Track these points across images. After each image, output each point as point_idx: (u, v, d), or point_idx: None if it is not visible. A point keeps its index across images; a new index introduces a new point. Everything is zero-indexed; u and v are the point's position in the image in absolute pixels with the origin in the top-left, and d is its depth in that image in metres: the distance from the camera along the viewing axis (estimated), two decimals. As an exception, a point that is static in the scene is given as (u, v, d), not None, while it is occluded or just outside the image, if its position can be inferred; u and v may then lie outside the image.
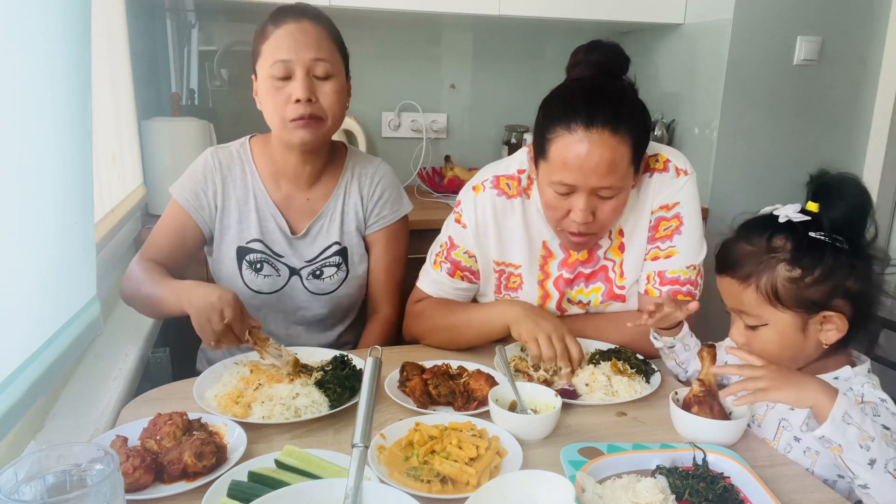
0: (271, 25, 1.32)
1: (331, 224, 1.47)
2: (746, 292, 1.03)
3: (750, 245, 1.04)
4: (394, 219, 1.51)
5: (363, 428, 0.84)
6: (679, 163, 1.33)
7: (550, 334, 1.20)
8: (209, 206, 1.42)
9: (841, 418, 0.89)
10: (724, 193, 2.41)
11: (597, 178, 1.16)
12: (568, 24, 2.59)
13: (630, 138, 1.16)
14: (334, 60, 1.34)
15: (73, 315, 0.93)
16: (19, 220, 0.78)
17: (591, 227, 1.23)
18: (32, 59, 0.78)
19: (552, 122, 1.19)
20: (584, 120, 1.15)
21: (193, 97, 2.54)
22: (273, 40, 1.31)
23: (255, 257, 1.43)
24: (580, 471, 0.88)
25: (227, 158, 1.44)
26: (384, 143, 2.76)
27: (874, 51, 2.42)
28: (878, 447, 0.89)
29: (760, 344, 1.05)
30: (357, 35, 2.60)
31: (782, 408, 1.07)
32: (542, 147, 1.22)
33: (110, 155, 1.74)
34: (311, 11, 1.35)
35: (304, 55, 1.29)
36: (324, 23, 1.35)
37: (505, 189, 1.37)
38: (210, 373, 1.18)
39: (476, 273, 1.42)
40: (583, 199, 1.19)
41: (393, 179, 1.53)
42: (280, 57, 1.29)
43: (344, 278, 1.49)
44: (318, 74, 1.31)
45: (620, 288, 1.37)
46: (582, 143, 1.15)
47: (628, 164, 1.18)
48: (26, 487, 0.64)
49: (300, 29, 1.31)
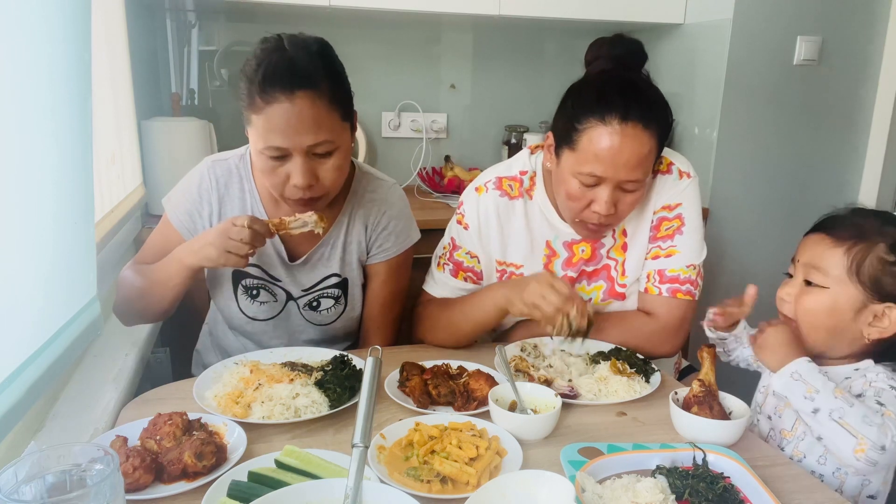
0: (259, 97, 1.12)
1: (332, 253, 1.36)
2: (833, 252, 1.06)
3: (862, 220, 1.08)
4: (396, 252, 1.39)
5: (363, 428, 0.84)
6: (682, 166, 1.35)
7: (543, 294, 1.17)
8: (203, 228, 1.30)
9: (790, 375, 1.01)
10: (725, 194, 2.41)
11: (626, 171, 1.18)
12: (568, 24, 2.59)
13: (657, 133, 1.19)
14: (335, 134, 1.17)
15: (74, 315, 0.93)
16: (20, 221, 0.78)
17: (610, 218, 1.24)
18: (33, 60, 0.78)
19: (584, 111, 1.19)
20: (619, 113, 1.16)
21: (193, 97, 2.54)
22: (264, 120, 1.12)
23: (251, 282, 1.35)
24: (580, 471, 0.88)
25: (224, 175, 1.32)
26: (384, 143, 2.76)
27: (874, 51, 2.43)
28: (823, 399, 0.97)
29: (811, 304, 1.09)
30: (357, 35, 2.61)
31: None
32: (570, 136, 1.21)
33: (110, 155, 1.74)
34: (304, 74, 1.12)
35: (302, 141, 1.13)
36: (319, 85, 1.13)
37: (507, 190, 1.37)
38: (210, 373, 1.18)
39: (478, 274, 1.42)
40: (608, 191, 1.20)
41: (401, 208, 1.40)
42: (273, 143, 1.13)
43: (342, 312, 1.40)
44: (318, 154, 1.17)
45: (622, 286, 1.38)
46: (616, 135, 1.16)
47: (654, 158, 1.22)
48: (26, 487, 0.64)
49: (295, 110, 1.11)
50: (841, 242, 1.06)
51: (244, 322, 1.39)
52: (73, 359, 0.92)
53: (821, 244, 1.08)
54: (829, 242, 1.07)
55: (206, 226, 1.31)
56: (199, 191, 1.31)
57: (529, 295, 1.20)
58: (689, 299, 1.34)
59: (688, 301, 1.34)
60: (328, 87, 1.15)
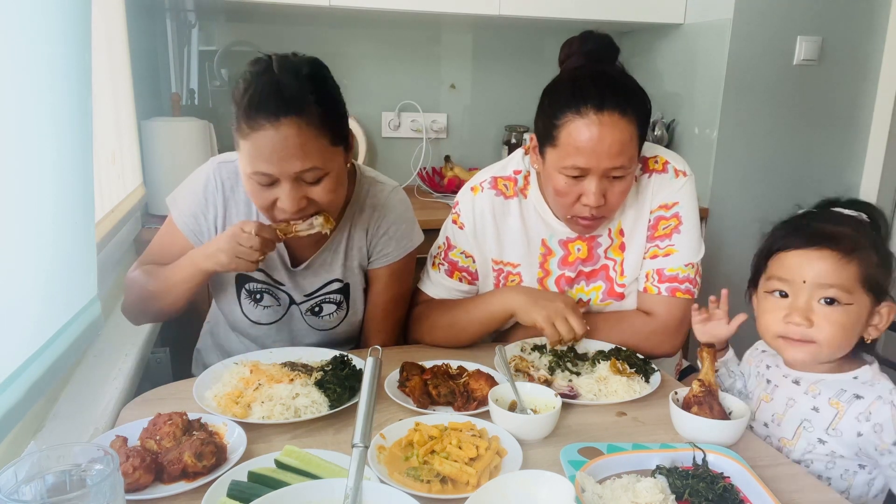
0: (245, 123, 1.09)
1: (334, 258, 1.35)
2: (848, 268, 1.02)
3: (843, 226, 1.06)
4: (397, 256, 1.37)
5: (363, 428, 0.84)
6: (678, 164, 1.35)
7: (564, 315, 1.23)
8: (209, 230, 1.30)
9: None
10: (724, 193, 2.41)
11: (609, 159, 1.18)
12: (568, 23, 2.58)
13: (636, 119, 1.20)
14: (325, 160, 1.13)
15: (74, 315, 0.93)
16: (20, 221, 0.78)
17: (602, 210, 1.25)
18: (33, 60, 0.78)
19: (560, 107, 1.20)
20: (594, 103, 1.17)
21: (193, 97, 2.54)
22: (250, 145, 1.10)
23: (255, 286, 1.35)
24: (580, 471, 0.88)
25: (230, 177, 1.30)
26: (384, 143, 2.76)
27: (874, 51, 2.43)
28: None
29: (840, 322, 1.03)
30: (357, 35, 2.61)
31: (804, 408, 1.07)
32: (550, 133, 1.23)
33: (110, 155, 1.74)
34: (290, 100, 1.08)
35: (288, 168, 1.10)
36: (306, 111, 1.09)
37: (503, 190, 1.38)
38: (210, 373, 1.18)
39: (474, 274, 1.42)
40: (595, 182, 1.21)
41: (403, 212, 1.37)
42: (260, 169, 1.11)
43: (344, 317, 1.39)
44: (307, 180, 1.14)
45: (620, 286, 1.38)
46: (593, 125, 1.17)
47: (636, 144, 1.22)
48: (26, 487, 0.64)
49: (280, 137, 1.08)
50: (850, 257, 1.02)
51: (247, 325, 1.39)
52: (73, 359, 0.92)
53: (827, 260, 1.03)
54: (839, 259, 1.03)
55: (211, 228, 1.31)
56: (205, 193, 1.30)
57: (554, 313, 1.23)
58: (688, 298, 1.34)
59: (687, 300, 1.34)
60: (316, 112, 1.10)
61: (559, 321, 1.22)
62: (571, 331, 1.22)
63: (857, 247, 1.03)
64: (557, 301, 1.26)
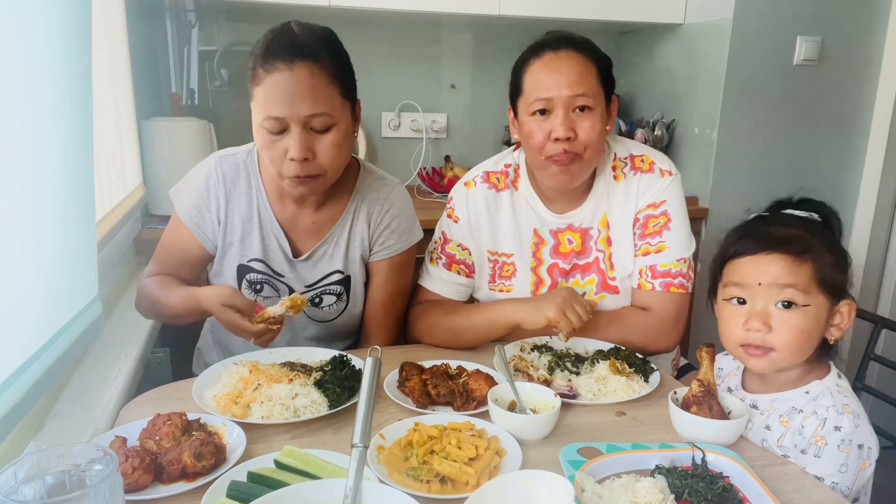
0: (261, 68, 1.16)
1: (335, 250, 1.37)
2: (801, 269, 1.02)
3: (793, 228, 1.06)
4: (398, 250, 1.39)
5: (362, 428, 0.84)
6: (663, 164, 1.39)
7: (571, 303, 1.25)
8: (212, 222, 1.33)
9: None
10: (724, 193, 2.41)
11: (569, 87, 1.25)
12: (568, 24, 2.57)
13: (595, 62, 1.28)
14: (334, 109, 1.19)
15: (75, 315, 0.93)
16: (21, 221, 0.78)
17: (574, 145, 1.27)
18: (33, 60, 0.78)
19: (523, 60, 1.31)
20: (551, 46, 1.29)
21: (193, 97, 2.54)
22: (264, 89, 1.16)
23: (255, 277, 1.36)
24: (579, 471, 0.88)
25: (232, 170, 1.33)
26: (384, 143, 2.76)
27: (874, 51, 2.42)
28: None
29: (798, 326, 1.02)
30: (357, 35, 2.60)
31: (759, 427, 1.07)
32: (517, 86, 1.32)
33: (110, 155, 1.74)
34: (305, 47, 1.17)
35: (299, 111, 1.15)
36: (320, 59, 1.17)
37: (495, 183, 1.43)
38: (209, 373, 1.18)
39: (471, 266, 1.45)
40: (560, 114, 1.26)
41: (405, 207, 1.40)
42: (272, 113, 1.15)
43: (344, 309, 1.41)
44: (315, 128, 1.18)
45: (612, 279, 1.40)
46: (551, 61, 1.27)
47: (597, 82, 1.28)
48: (26, 487, 0.65)
49: (294, 78, 1.14)
50: (802, 258, 1.02)
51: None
52: (73, 359, 0.92)
53: (780, 262, 1.03)
54: (792, 261, 1.02)
55: (214, 220, 1.34)
56: (207, 185, 1.33)
57: (563, 303, 1.25)
58: (682, 292, 1.36)
59: (681, 294, 1.36)
60: (329, 62, 1.19)
61: (569, 310, 1.25)
62: (580, 317, 1.25)
63: (809, 248, 1.03)
64: (559, 293, 1.29)
